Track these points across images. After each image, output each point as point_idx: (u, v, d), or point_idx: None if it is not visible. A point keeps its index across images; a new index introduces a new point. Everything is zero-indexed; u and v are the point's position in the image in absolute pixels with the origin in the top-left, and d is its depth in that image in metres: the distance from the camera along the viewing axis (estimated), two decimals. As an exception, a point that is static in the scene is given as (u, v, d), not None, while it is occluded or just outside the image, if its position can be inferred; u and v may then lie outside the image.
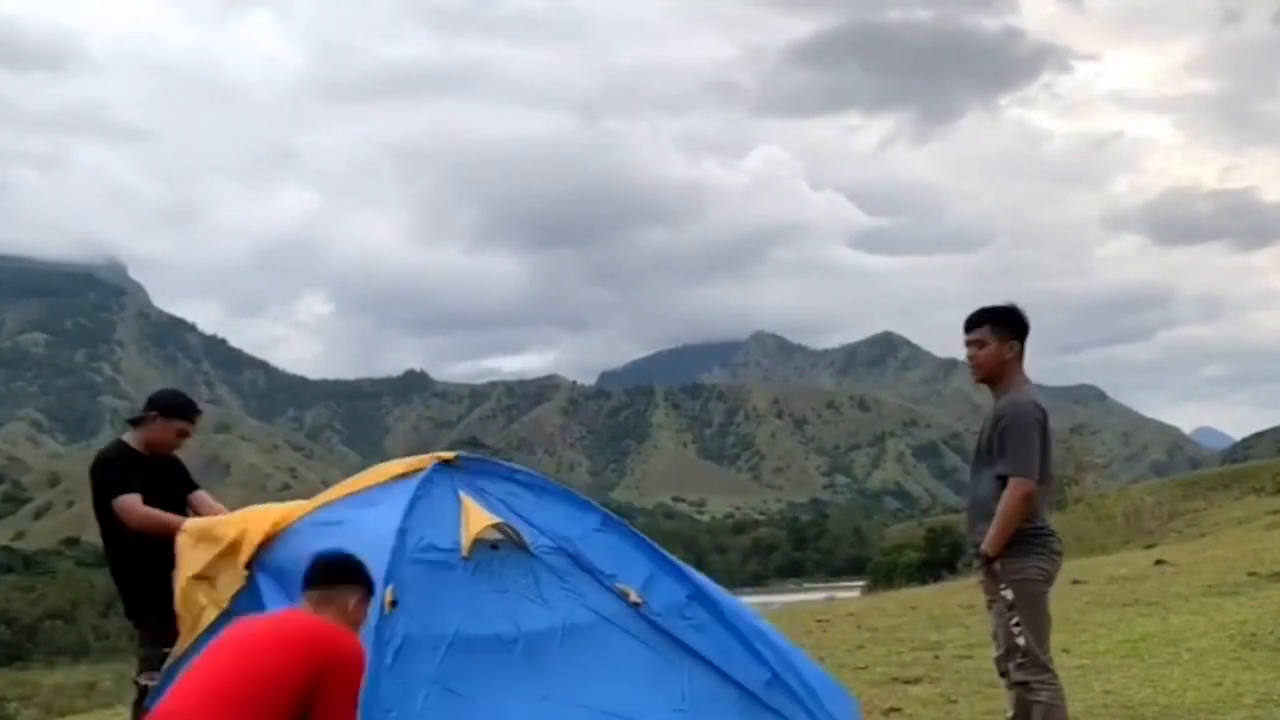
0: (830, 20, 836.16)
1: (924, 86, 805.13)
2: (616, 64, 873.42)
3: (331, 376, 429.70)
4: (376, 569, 4.76)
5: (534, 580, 5.17)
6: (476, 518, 5.16)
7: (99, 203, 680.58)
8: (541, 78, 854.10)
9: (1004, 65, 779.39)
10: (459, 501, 5.25)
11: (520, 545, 5.21)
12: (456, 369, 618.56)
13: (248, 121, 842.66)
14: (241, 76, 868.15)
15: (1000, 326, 5.43)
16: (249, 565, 5.30)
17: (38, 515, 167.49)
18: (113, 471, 6.04)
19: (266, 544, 5.36)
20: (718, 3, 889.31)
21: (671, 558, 5.76)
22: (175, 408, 6.30)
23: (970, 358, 5.48)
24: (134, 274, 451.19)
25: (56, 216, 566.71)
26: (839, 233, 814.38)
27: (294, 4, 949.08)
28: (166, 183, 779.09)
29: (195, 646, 5.03)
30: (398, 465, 5.68)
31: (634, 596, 5.44)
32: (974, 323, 5.48)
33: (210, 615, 5.26)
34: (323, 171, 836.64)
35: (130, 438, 6.22)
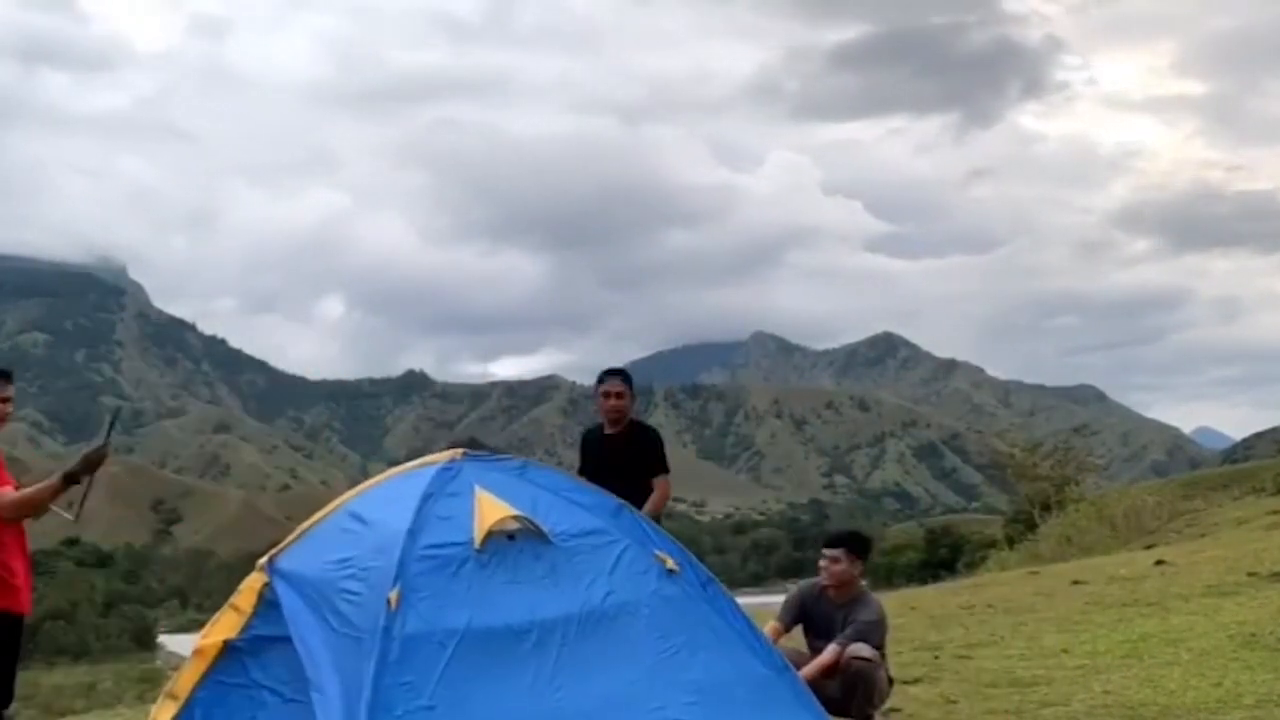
0: (857, 29, 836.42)
1: (944, 93, 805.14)
2: (634, 70, 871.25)
3: (331, 377, 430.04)
4: (387, 569, 4.80)
5: (551, 569, 5.15)
6: (491, 509, 5.14)
7: (99, 203, 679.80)
8: (560, 84, 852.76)
9: (1027, 71, 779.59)
10: (473, 494, 5.24)
11: (538, 534, 5.20)
12: (463, 370, 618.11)
13: (254, 123, 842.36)
14: (251, 79, 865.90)
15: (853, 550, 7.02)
16: (265, 566, 5.37)
17: (37, 516, 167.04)
18: None
19: (284, 549, 5.42)
20: (739, 13, 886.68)
21: (682, 546, 5.78)
22: None
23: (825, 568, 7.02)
24: (134, 274, 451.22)
25: (56, 217, 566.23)
26: (846, 235, 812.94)
27: (312, 6, 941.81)
28: (167, 183, 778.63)
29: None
30: (411, 465, 5.72)
31: (670, 563, 5.46)
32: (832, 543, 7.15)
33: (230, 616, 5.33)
34: (330, 173, 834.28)
35: None
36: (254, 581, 5.37)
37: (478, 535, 5.04)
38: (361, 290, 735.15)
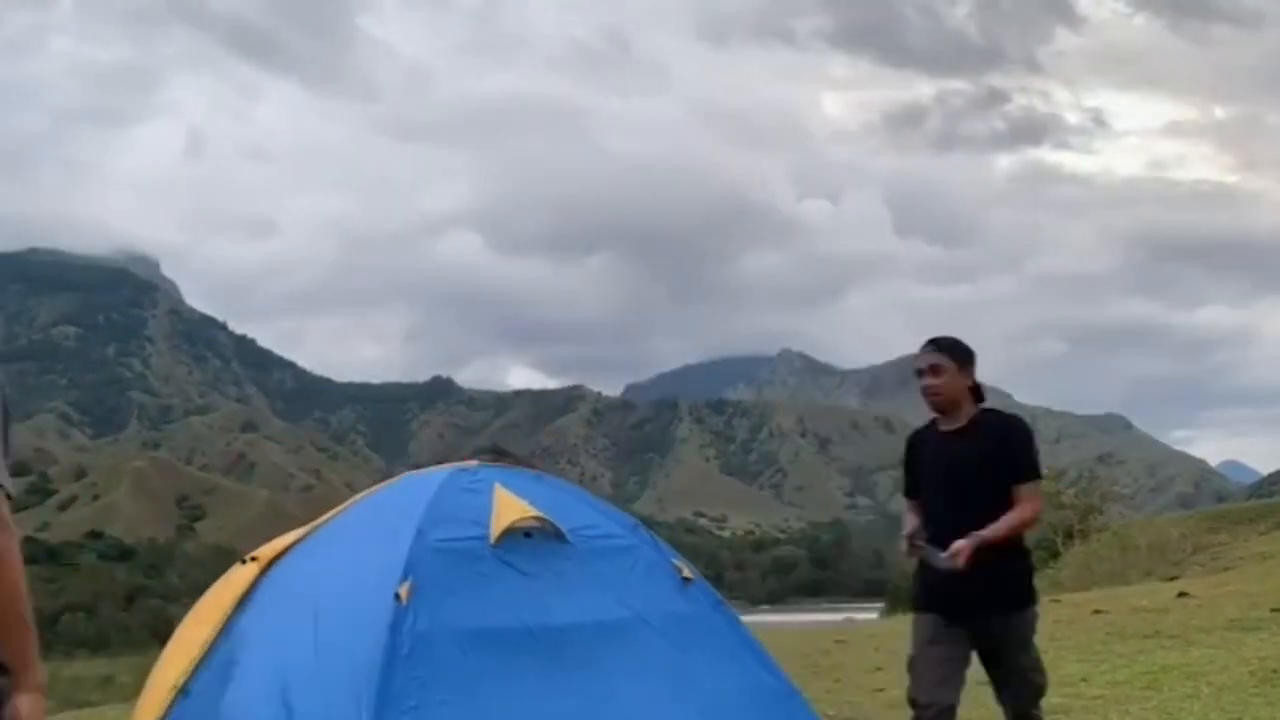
0: (935, 83, 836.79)
1: (990, 128, 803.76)
2: (714, 104, 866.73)
3: (359, 380, 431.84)
4: (396, 559, 4.77)
5: (567, 571, 5.08)
6: (510, 507, 5.10)
7: (134, 198, 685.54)
8: (648, 107, 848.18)
9: (1074, 99, 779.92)
10: (492, 491, 5.20)
11: (557, 535, 5.13)
12: (489, 377, 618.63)
13: (290, 122, 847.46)
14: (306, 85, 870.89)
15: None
16: (268, 565, 5.42)
17: (63, 508, 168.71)
18: None
19: (289, 548, 5.47)
20: (827, 63, 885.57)
21: (695, 570, 5.75)
22: None
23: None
24: (167, 271, 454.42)
25: (92, 212, 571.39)
26: (878, 258, 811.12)
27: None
28: (205, 182, 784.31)
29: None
30: (428, 470, 5.76)
31: (686, 572, 5.44)
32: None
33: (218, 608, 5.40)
34: (374, 183, 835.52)
35: None
36: (246, 574, 5.43)
37: (494, 531, 4.99)
38: (391, 296, 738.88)
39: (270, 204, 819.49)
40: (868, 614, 47.15)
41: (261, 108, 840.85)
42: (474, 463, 5.62)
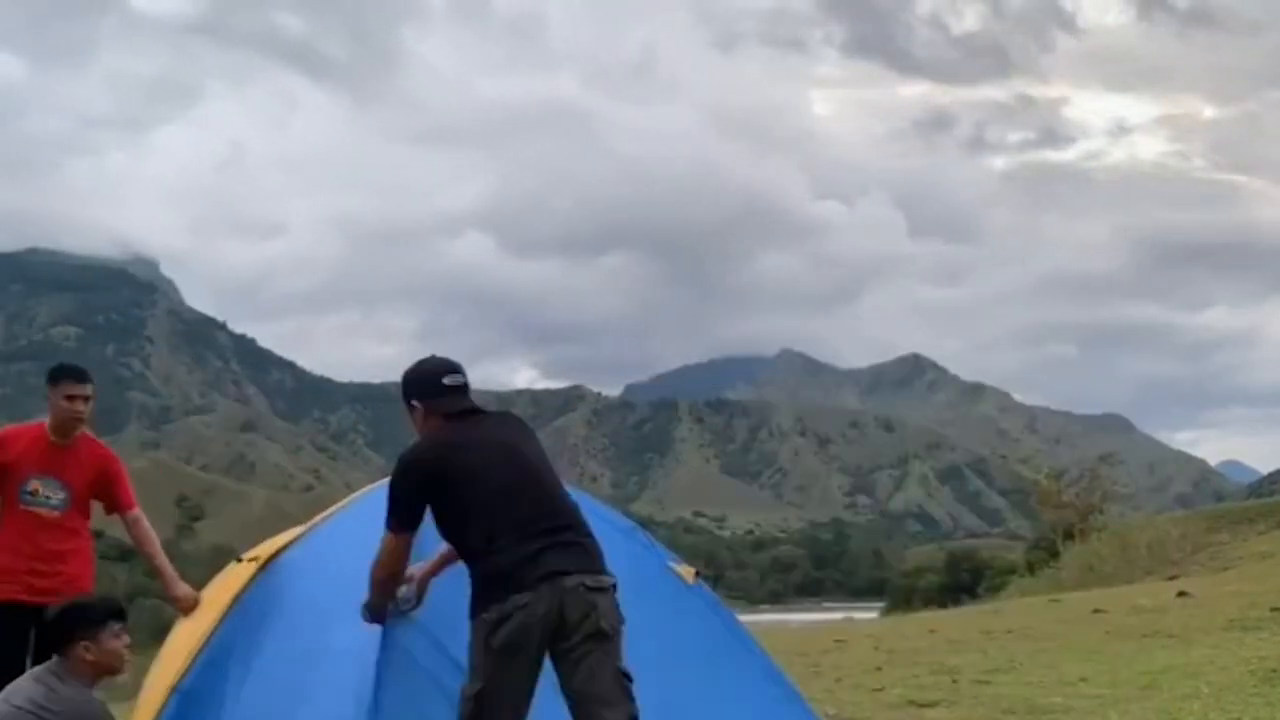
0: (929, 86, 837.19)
1: (994, 127, 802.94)
2: (724, 106, 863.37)
3: (359, 379, 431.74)
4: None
5: None
6: None
7: (133, 199, 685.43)
8: (659, 113, 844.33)
9: (1082, 102, 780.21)
10: None
11: None
12: (490, 377, 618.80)
13: (301, 125, 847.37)
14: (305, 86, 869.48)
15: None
16: (264, 565, 5.43)
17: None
18: None
19: (287, 547, 5.48)
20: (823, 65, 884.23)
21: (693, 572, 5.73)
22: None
23: None
24: (166, 271, 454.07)
25: (91, 212, 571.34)
26: (879, 255, 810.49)
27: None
28: (203, 182, 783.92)
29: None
30: None
31: (689, 578, 5.46)
32: None
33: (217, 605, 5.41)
34: (372, 180, 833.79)
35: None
36: (243, 573, 5.42)
37: None
38: (391, 296, 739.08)
39: (276, 205, 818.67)
40: (868, 613, 47.20)
41: (272, 111, 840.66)
42: None
